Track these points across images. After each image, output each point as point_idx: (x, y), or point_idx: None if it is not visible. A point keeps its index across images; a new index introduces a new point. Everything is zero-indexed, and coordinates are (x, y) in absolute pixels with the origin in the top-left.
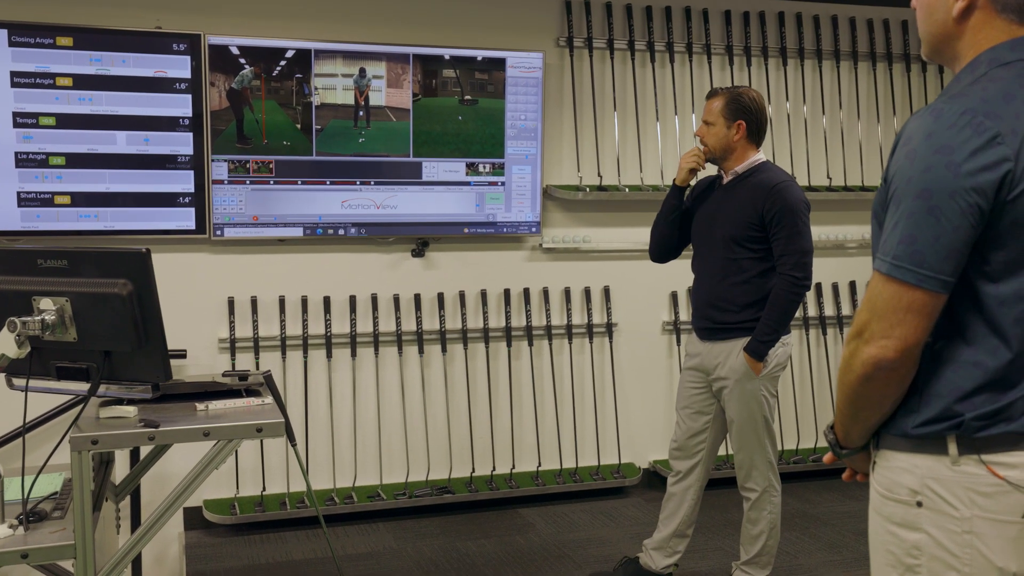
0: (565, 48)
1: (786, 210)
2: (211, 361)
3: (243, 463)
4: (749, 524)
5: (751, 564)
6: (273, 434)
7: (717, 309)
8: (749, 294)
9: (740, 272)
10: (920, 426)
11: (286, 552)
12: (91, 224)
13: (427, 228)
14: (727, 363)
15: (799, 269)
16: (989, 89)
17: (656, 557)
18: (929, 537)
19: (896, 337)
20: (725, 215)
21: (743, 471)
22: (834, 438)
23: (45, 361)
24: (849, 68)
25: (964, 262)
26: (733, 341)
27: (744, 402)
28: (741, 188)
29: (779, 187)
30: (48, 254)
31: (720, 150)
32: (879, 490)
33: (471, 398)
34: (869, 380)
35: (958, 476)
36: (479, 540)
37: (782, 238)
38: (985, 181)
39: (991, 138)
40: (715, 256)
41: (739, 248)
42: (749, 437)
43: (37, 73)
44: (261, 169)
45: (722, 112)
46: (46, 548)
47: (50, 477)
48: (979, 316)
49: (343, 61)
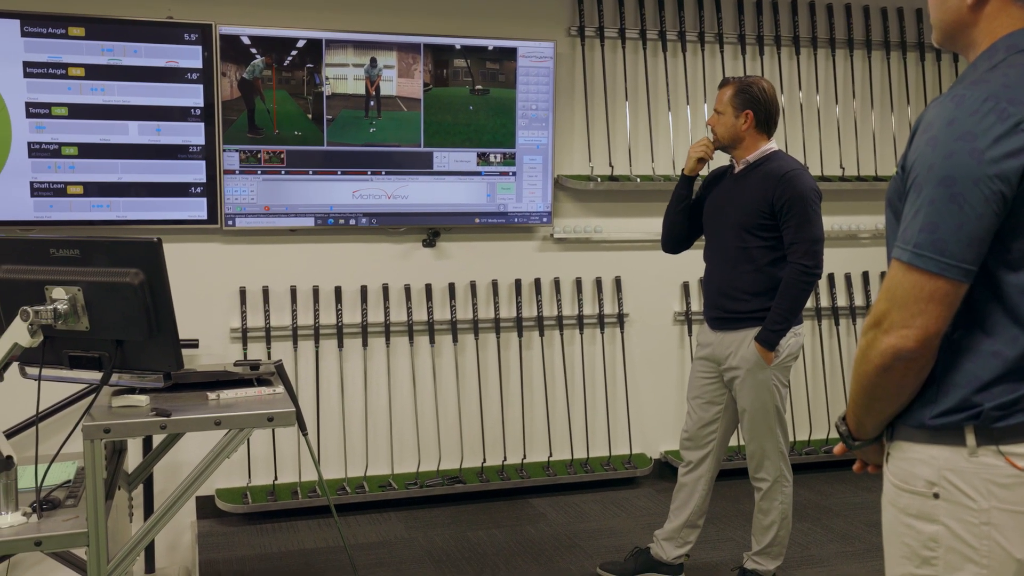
0: (576, 37)
1: (796, 198)
2: (223, 351)
3: (255, 452)
4: (760, 515)
5: (762, 554)
6: (285, 423)
7: (728, 298)
8: (760, 283)
9: (751, 261)
10: (937, 416)
11: (298, 541)
12: (103, 214)
13: (438, 218)
14: (738, 352)
15: (809, 257)
16: (1010, 75)
17: (667, 547)
18: (946, 529)
19: (916, 327)
20: (736, 204)
21: (754, 461)
22: (846, 429)
23: (58, 350)
24: (862, 57)
25: (986, 250)
26: (744, 331)
27: (756, 392)
28: (752, 177)
29: (789, 175)
30: (61, 243)
31: (729, 139)
32: (894, 482)
33: (482, 388)
34: (887, 371)
35: (976, 467)
36: (490, 530)
37: (792, 226)
38: (1009, 168)
39: (1015, 124)
40: (726, 245)
41: (749, 236)
42: (760, 427)
43: (50, 63)
44: (272, 159)
45: (731, 102)
46: (59, 536)
47: (63, 465)
48: (999, 305)
49: (354, 51)
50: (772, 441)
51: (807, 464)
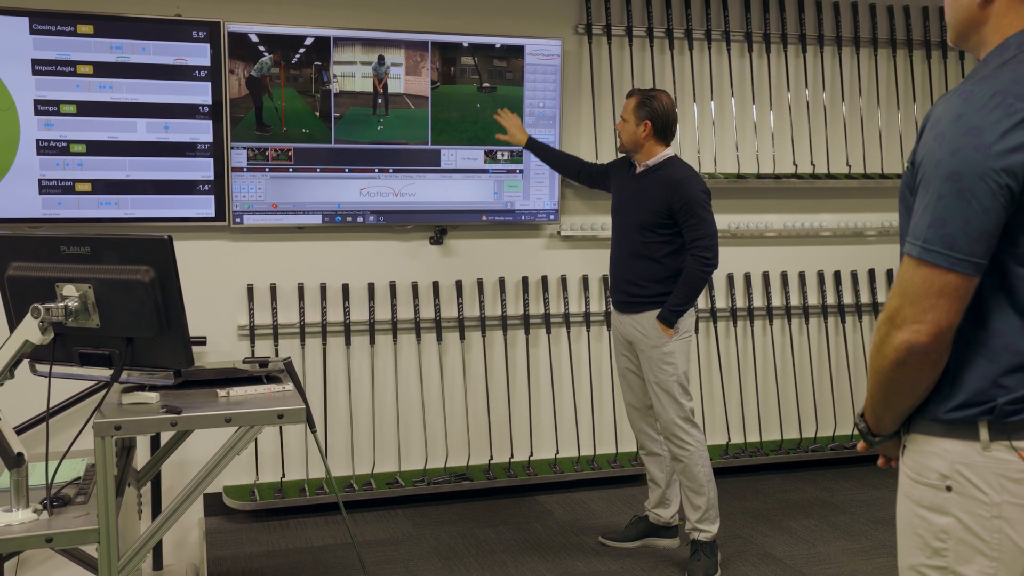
0: (584, 35)
1: (691, 201)
2: (231, 348)
3: (263, 450)
4: (688, 480)
5: (703, 520)
6: (294, 420)
7: (633, 284)
8: (659, 272)
9: (651, 254)
10: (952, 411)
11: (305, 538)
12: (111, 211)
13: (445, 216)
14: (642, 331)
15: (708, 251)
16: (1018, 71)
17: (660, 512)
18: (958, 521)
19: (929, 322)
20: (637, 204)
21: (668, 431)
22: (865, 426)
23: (68, 347)
24: (868, 55)
25: (995, 244)
26: (647, 312)
27: (659, 365)
28: (650, 180)
29: (682, 182)
30: (71, 241)
31: (631, 144)
32: (909, 474)
33: (489, 385)
34: (902, 365)
35: (989, 462)
36: (497, 527)
37: (691, 226)
38: (1015, 162)
39: (1022, 119)
40: (629, 240)
41: (649, 234)
42: (665, 398)
43: (58, 61)
44: (280, 157)
45: (634, 112)
46: (70, 532)
47: (73, 462)
48: (1009, 299)
49: (362, 48)
50: (677, 408)
51: (813, 461)
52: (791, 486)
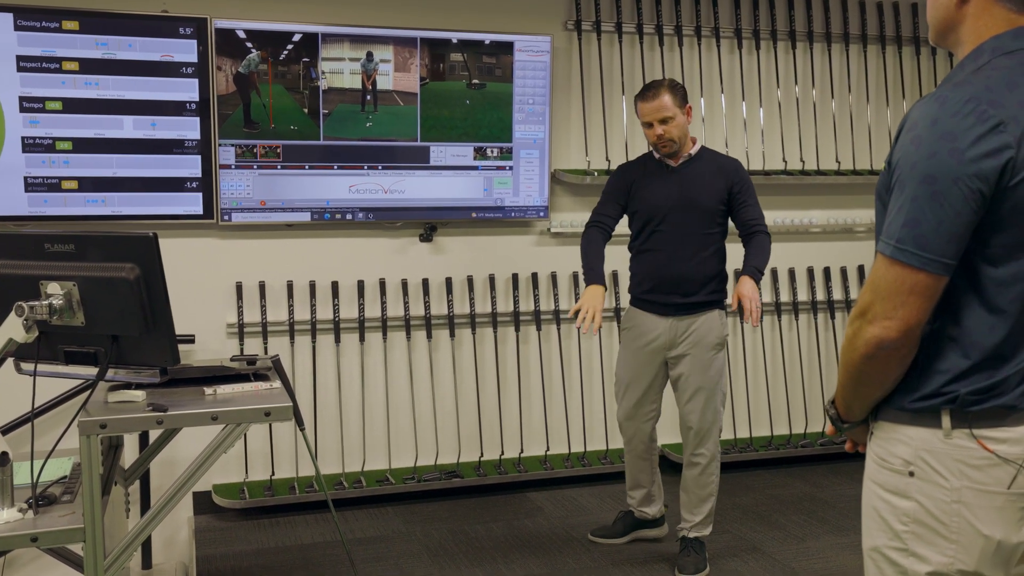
0: (573, 32)
1: (747, 180)
2: (219, 346)
3: (252, 448)
4: (698, 488)
5: (702, 524)
6: (281, 418)
7: (695, 283)
8: (715, 267)
9: (712, 244)
10: (917, 400)
11: (295, 536)
12: (98, 209)
13: (435, 213)
14: (697, 333)
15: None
16: (992, 77)
17: (647, 509)
18: (919, 505)
19: (899, 318)
20: (696, 194)
21: (699, 437)
22: (836, 413)
23: (53, 346)
24: (858, 51)
25: (965, 245)
26: (705, 313)
27: (710, 370)
28: (697, 168)
29: (737, 163)
30: (55, 238)
31: (683, 137)
32: (874, 459)
33: (479, 383)
34: (871, 359)
35: (950, 449)
36: (488, 524)
37: (751, 205)
38: (988, 167)
39: (994, 126)
40: (691, 232)
41: (711, 223)
42: (711, 405)
43: (43, 57)
44: (268, 154)
45: (673, 103)
46: (55, 532)
47: (59, 461)
48: (977, 297)
49: (350, 45)
50: (718, 413)
51: (802, 457)
52: (781, 482)
